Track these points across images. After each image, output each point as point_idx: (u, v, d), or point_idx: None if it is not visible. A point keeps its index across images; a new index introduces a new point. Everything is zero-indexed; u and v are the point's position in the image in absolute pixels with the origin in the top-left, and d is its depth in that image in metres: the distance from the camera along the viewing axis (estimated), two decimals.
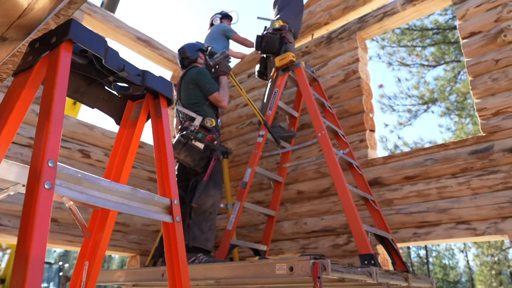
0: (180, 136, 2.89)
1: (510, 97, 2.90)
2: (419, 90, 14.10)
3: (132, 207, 0.96)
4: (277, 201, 3.55)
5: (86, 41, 0.94)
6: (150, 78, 1.13)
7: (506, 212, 2.73)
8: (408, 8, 3.67)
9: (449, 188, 3.01)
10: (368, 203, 3.12)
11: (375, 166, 3.44)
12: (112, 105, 1.22)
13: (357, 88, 3.76)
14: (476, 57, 3.13)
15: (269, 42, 3.61)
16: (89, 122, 3.80)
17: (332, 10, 4.32)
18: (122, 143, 1.25)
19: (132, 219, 3.93)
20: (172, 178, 1.10)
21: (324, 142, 2.97)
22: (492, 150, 2.89)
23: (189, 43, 3.49)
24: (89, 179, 0.87)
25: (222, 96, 3.20)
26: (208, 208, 2.91)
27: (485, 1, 3.18)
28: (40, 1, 0.82)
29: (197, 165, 2.90)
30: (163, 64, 5.00)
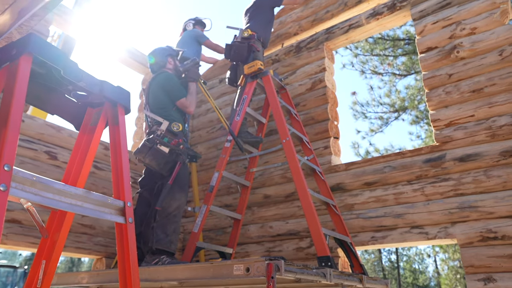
0: (146, 140, 2.94)
1: (461, 109, 3.10)
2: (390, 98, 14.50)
3: (85, 209, 1.03)
4: (243, 205, 3.64)
5: (45, 54, 1.01)
6: (108, 88, 1.21)
7: (455, 217, 2.92)
8: (372, 22, 3.85)
9: (405, 194, 3.18)
10: (329, 208, 3.26)
11: (338, 172, 3.58)
12: (71, 111, 1.28)
13: (323, 97, 3.90)
14: (432, 71, 3.32)
15: (238, 50, 3.73)
16: (56, 124, 3.80)
17: (301, 21, 4.47)
18: (81, 148, 1.31)
19: (98, 222, 3.94)
20: (127, 182, 1.18)
21: (288, 149, 3.09)
22: (444, 159, 3.08)
23: (159, 48, 3.54)
24: (43, 182, 0.94)
25: (189, 103, 3.26)
26: (172, 211, 2.97)
27: (441, 18, 3.39)
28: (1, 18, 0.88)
29: (162, 168, 2.95)
30: (134, 67, 5.03)
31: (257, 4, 4.20)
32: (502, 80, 2.99)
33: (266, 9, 4.17)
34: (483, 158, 2.91)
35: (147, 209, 3.05)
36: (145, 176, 3.25)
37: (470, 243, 2.82)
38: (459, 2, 3.36)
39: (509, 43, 3.03)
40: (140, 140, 4.72)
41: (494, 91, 3.01)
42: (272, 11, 4.23)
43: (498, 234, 2.72)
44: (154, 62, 3.45)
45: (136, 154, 3.00)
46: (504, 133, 2.89)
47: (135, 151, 3.03)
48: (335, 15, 4.19)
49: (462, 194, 2.94)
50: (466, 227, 2.86)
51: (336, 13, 4.19)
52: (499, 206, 2.78)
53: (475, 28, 3.20)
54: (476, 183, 2.90)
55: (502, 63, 3.02)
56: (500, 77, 3.00)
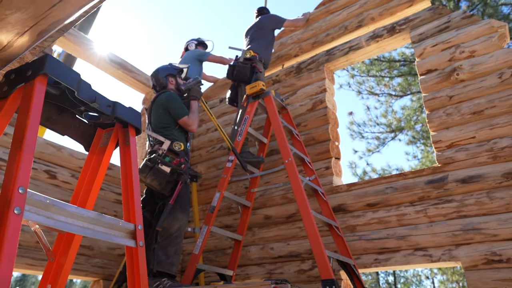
0: (147, 160, 2.92)
1: (462, 131, 3.12)
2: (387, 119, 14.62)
3: (97, 232, 1.01)
4: (244, 226, 3.60)
5: (60, 75, 1.01)
6: (120, 108, 1.21)
7: (459, 239, 2.89)
8: (372, 44, 3.91)
9: (407, 215, 3.16)
10: (332, 229, 3.23)
11: (340, 193, 3.57)
12: (82, 132, 1.27)
13: (324, 117, 3.92)
14: (432, 92, 3.36)
15: (240, 71, 3.77)
16: (57, 143, 3.78)
17: (302, 43, 4.53)
18: (90, 169, 1.30)
19: (96, 242, 3.88)
20: (137, 204, 1.16)
21: (290, 169, 3.08)
22: (446, 180, 3.07)
23: (161, 67, 3.55)
24: (57, 205, 0.92)
25: (192, 121, 3.26)
26: (174, 232, 2.92)
27: (440, 41, 3.45)
28: (20, 39, 0.88)
29: (163, 188, 2.93)
30: (136, 86, 5.05)
31: (259, 25, 4.26)
32: (502, 102, 3.02)
33: (267, 31, 4.23)
34: (486, 180, 2.92)
35: (148, 230, 3.01)
36: (146, 196, 3.21)
37: (475, 266, 2.79)
38: (457, 26, 3.42)
39: (508, 66, 3.07)
40: (142, 160, 4.70)
41: (495, 113, 3.04)
42: (273, 32, 4.29)
43: (503, 257, 2.69)
44: (156, 81, 3.47)
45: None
46: (506, 155, 2.90)
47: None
48: (335, 38, 4.25)
49: (465, 216, 2.93)
50: (470, 250, 2.84)
51: (336, 36, 4.25)
52: (502, 228, 2.76)
53: (474, 51, 3.25)
54: (479, 205, 2.89)
55: (502, 86, 3.06)
56: (500, 99, 3.04)
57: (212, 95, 5.12)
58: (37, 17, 0.79)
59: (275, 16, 4.39)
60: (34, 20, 0.78)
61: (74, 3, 0.80)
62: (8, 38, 0.86)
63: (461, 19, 3.42)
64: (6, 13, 0.72)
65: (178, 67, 3.61)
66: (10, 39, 0.87)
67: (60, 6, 0.78)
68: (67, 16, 0.84)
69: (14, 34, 0.83)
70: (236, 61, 3.90)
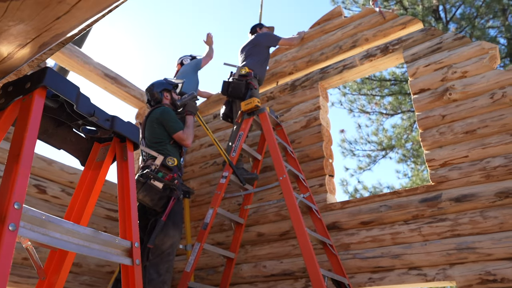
0: (139, 175, 2.88)
1: (455, 150, 3.14)
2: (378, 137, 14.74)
3: (92, 249, 0.98)
4: (237, 243, 3.55)
5: (60, 88, 1.00)
6: (119, 123, 1.19)
7: (454, 258, 2.88)
8: (365, 63, 3.96)
9: (401, 234, 3.15)
10: (326, 247, 3.20)
11: (334, 211, 3.55)
12: (78, 146, 1.25)
13: (318, 134, 3.93)
14: (425, 111, 3.39)
15: (236, 87, 3.77)
16: (47, 156, 3.72)
17: (297, 61, 4.57)
18: (85, 184, 1.27)
19: (85, 259, 3.78)
20: (134, 221, 1.13)
21: (285, 186, 3.06)
22: (440, 199, 3.08)
23: (156, 82, 3.53)
24: (52, 221, 0.89)
25: (187, 135, 3.23)
26: (166, 249, 2.87)
27: (432, 61, 3.50)
28: (20, 51, 0.87)
29: (156, 204, 2.87)
30: (129, 101, 5.03)
31: (254, 42, 4.30)
32: (494, 122, 3.06)
33: (263, 48, 4.26)
34: (479, 199, 2.93)
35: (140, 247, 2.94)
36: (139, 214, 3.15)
37: (469, 286, 2.77)
38: (449, 47, 3.49)
39: (499, 87, 3.12)
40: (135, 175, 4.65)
41: (487, 133, 3.07)
42: (268, 50, 4.32)
43: (498, 277, 2.68)
44: (151, 96, 3.45)
45: None
46: (498, 174, 2.92)
47: None
48: (330, 57, 4.30)
49: (459, 235, 2.93)
50: (465, 269, 2.82)
51: (330, 55, 4.30)
52: (496, 247, 2.76)
53: (466, 72, 3.31)
54: (473, 224, 2.90)
55: (493, 106, 3.10)
56: (492, 119, 3.08)
57: (205, 111, 5.11)
58: (40, 29, 0.78)
59: (271, 34, 4.44)
60: (37, 32, 0.77)
61: (78, 17, 0.79)
62: (9, 50, 0.85)
63: (453, 40, 3.49)
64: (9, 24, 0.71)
65: (173, 82, 3.60)
66: (11, 50, 0.85)
67: (65, 19, 0.77)
68: (71, 29, 0.83)
69: (16, 45, 0.82)
70: (231, 78, 3.91)
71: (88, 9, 0.78)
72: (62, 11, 0.75)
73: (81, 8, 0.76)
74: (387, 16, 4.05)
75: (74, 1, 0.74)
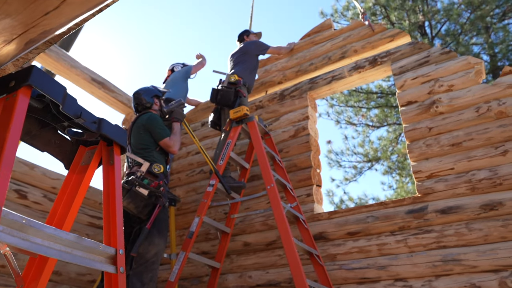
0: (124, 182, 2.82)
1: (442, 162, 3.17)
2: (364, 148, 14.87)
3: (75, 256, 0.94)
4: (223, 253, 3.50)
5: (46, 88, 0.96)
6: (106, 126, 1.15)
7: (439, 270, 2.89)
8: (354, 75, 3.99)
9: (388, 245, 3.15)
10: (313, 257, 3.17)
11: (321, 221, 3.53)
12: (63, 149, 1.21)
13: (306, 144, 3.93)
14: (413, 123, 3.43)
15: (224, 95, 3.75)
16: (29, 161, 3.63)
17: (286, 71, 4.58)
18: (69, 188, 1.23)
19: (66, 267, 3.68)
20: (119, 227, 1.10)
21: (272, 195, 3.04)
22: (426, 210, 3.09)
23: (144, 88, 3.48)
24: (33, 226, 0.85)
25: (173, 142, 3.18)
26: (150, 258, 2.80)
27: (420, 74, 3.55)
28: (5, 48, 0.84)
29: (141, 212, 2.81)
30: (116, 106, 4.96)
31: (243, 50, 4.30)
32: (480, 135, 3.10)
33: (252, 56, 4.26)
34: (464, 211, 2.95)
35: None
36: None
37: None
38: (437, 60, 3.54)
39: (484, 101, 3.18)
40: None
41: (473, 146, 3.11)
42: (257, 58, 4.33)
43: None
44: (139, 103, 3.40)
45: None
46: (483, 186, 2.95)
47: None
48: (319, 68, 4.33)
49: (445, 247, 2.94)
50: (450, 281, 2.83)
51: (320, 66, 4.33)
52: (481, 260, 2.78)
53: (452, 85, 3.35)
54: (458, 236, 2.91)
55: (479, 119, 3.15)
56: (477, 132, 3.12)
57: (193, 119, 5.07)
58: (28, 24, 0.75)
59: (260, 42, 4.45)
60: (24, 28, 0.74)
61: (67, 13, 0.77)
62: None
63: (440, 55, 3.55)
64: None
65: (161, 89, 3.58)
66: None
67: (54, 15, 0.75)
68: (59, 26, 0.80)
69: (1, 41, 0.79)
70: (220, 85, 3.88)
71: (78, 5, 0.75)
72: (51, 7, 0.73)
73: (71, 4, 0.74)
74: (376, 29, 4.10)
75: None
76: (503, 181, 2.90)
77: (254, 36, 4.67)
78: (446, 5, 10.30)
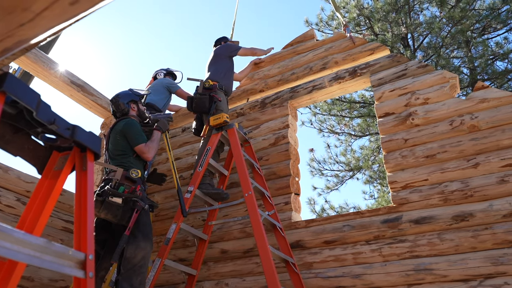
0: (96, 194, 2.81)
1: (416, 173, 3.25)
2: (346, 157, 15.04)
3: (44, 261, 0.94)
4: (199, 260, 3.50)
5: (20, 94, 0.97)
6: (79, 132, 1.16)
7: (412, 279, 2.95)
8: (334, 85, 4.07)
9: (363, 254, 3.20)
10: (289, 265, 3.20)
11: (298, 229, 3.57)
12: (36, 154, 1.21)
13: (286, 153, 3.97)
14: (389, 135, 3.51)
15: (199, 102, 3.77)
16: (4, 163, 3.56)
17: (268, 79, 4.63)
18: (41, 193, 1.23)
19: (37, 273, 3.61)
20: (90, 233, 1.10)
21: (250, 203, 3.06)
22: (401, 220, 3.16)
23: (122, 93, 3.45)
24: (2, 230, 0.85)
25: (148, 149, 3.16)
26: (138, 262, 2.78)
27: (397, 87, 3.64)
28: None
29: (121, 219, 2.80)
30: (95, 110, 4.92)
31: (215, 54, 4.35)
32: (453, 148, 3.19)
33: (224, 58, 4.30)
34: (437, 222, 3.03)
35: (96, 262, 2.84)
36: (95, 227, 3.05)
37: None
38: (414, 74, 3.64)
39: (458, 114, 3.28)
40: (97, 186, 4.51)
41: (446, 158, 3.20)
42: (230, 60, 4.35)
43: None
44: (117, 109, 3.38)
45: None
46: (455, 198, 3.04)
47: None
48: (300, 77, 4.39)
49: (417, 256, 3.01)
50: None
51: (301, 75, 4.39)
52: (452, 269, 2.85)
53: (428, 99, 3.45)
54: (431, 246, 2.99)
55: (452, 132, 3.25)
56: (450, 145, 3.22)
57: (174, 124, 5.07)
58: (3, 34, 0.76)
59: (230, 44, 4.48)
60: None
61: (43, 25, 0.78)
62: None
63: (417, 68, 3.65)
64: None
65: (139, 93, 3.54)
66: None
67: (29, 26, 0.76)
68: (35, 36, 0.81)
69: None
70: (196, 92, 3.89)
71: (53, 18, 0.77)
72: (26, 19, 0.74)
73: (46, 17, 0.75)
74: (356, 42, 4.20)
75: (39, 10, 0.73)
76: (474, 193, 2.99)
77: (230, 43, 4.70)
78: (428, 18, 10.57)
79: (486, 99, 3.20)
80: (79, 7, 0.76)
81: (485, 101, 3.20)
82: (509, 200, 2.85)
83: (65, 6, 0.72)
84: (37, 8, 0.71)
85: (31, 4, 0.70)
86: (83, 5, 0.76)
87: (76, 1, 0.73)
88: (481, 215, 2.90)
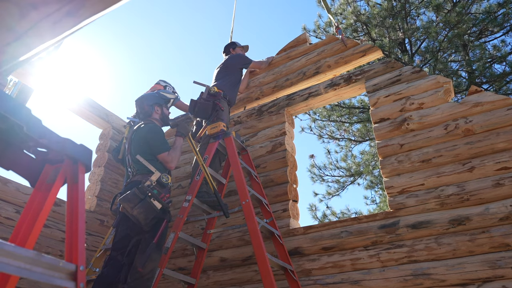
0: (136, 188, 2.68)
1: (412, 178, 3.27)
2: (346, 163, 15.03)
3: (33, 272, 0.96)
4: (199, 269, 3.50)
5: (9, 110, 1.00)
6: (71, 146, 1.19)
7: (410, 284, 2.95)
8: (329, 92, 4.10)
9: (361, 260, 3.21)
10: (287, 273, 3.21)
11: (296, 236, 3.58)
12: (28, 167, 1.23)
13: (283, 160, 3.99)
14: (385, 140, 3.53)
15: (202, 108, 3.75)
16: (3, 176, 3.59)
17: (263, 87, 4.67)
18: (34, 205, 1.25)
19: (38, 284, 3.61)
20: (81, 244, 1.12)
21: (247, 211, 3.07)
22: (398, 225, 3.17)
23: (148, 94, 3.41)
24: None
25: (171, 158, 3.10)
26: (147, 274, 2.70)
27: (392, 92, 3.67)
28: None
29: (147, 224, 2.69)
30: (94, 121, 4.94)
31: (226, 64, 4.38)
32: (448, 152, 3.21)
33: (235, 70, 4.34)
34: (434, 226, 3.03)
35: (119, 274, 2.80)
36: (121, 237, 2.94)
37: None
38: (408, 79, 3.67)
39: (452, 119, 3.30)
40: (93, 196, 4.53)
41: (442, 162, 3.22)
42: (240, 71, 4.41)
43: None
44: (140, 109, 3.35)
45: (122, 201, 2.67)
46: (452, 202, 3.05)
47: (121, 198, 2.69)
48: (294, 83, 4.43)
49: (415, 261, 3.01)
50: None
51: (295, 81, 4.43)
52: (450, 274, 2.85)
53: (422, 103, 3.48)
54: (428, 250, 2.99)
55: (447, 137, 3.27)
56: (446, 149, 3.23)
57: (172, 133, 5.10)
58: None
59: (243, 56, 4.54)
60: None
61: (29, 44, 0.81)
62: None
63: (411, 73, 3.68)
64: None
65: (166, 96, 3.51)
66: None
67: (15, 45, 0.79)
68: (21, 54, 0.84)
69: None
70: (200, 97, 3.90)
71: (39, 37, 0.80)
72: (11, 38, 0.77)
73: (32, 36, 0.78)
74: (348, 44, 4.23)
75: (23, 29, 0.76)
76: (470, 197, 3.00)
77: (240, 50, 4.74)
78: (425, 22, 10.63)
79: (480, 103, 3.22)
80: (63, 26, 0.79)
81: (479, 105, 3.22)
82: (505, 203, 2.86)
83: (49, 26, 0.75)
84: (21, 28, 0.74)
85: (15, 25, 0.73)
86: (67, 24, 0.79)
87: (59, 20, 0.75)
88: (477, 219, 2.90)
